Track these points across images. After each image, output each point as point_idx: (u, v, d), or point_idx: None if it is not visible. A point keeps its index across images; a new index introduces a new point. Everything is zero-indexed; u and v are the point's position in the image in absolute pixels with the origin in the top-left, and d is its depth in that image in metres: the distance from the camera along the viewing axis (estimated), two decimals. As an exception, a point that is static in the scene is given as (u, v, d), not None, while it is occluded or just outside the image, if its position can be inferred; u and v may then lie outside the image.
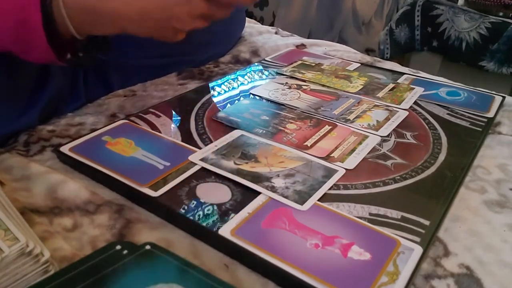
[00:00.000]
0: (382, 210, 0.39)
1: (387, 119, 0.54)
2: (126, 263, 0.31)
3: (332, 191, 0.41)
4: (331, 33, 2.30)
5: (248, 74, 0.66)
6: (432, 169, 0.45)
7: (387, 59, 0.91)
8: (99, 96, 0.59)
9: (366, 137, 0.50)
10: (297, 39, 0.87)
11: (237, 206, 0.38)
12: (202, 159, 0.44)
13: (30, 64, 0.45)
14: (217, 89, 0.61)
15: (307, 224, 0.36)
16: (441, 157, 0.47)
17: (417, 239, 0.35)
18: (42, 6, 0.40)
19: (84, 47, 0.47)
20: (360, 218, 0.38)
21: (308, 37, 1.37)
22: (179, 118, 0.53)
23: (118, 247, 0.32)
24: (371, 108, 0.57)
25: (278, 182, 0.41)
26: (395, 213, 0.38)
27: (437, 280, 0.34)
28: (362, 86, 0.63)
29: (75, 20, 0.42)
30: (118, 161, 0.43)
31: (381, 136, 0.50)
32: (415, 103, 0.59)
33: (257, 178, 0.41)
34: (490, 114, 0.57)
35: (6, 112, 0.48)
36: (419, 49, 1.67)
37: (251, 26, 0.89)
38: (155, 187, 0.40)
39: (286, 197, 0.39)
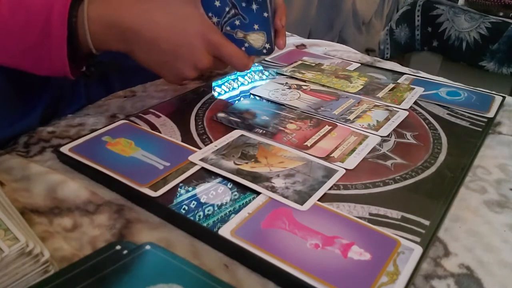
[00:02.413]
0: (382, 210, 0.39)
1: (387, 119, 0.54)
2: (126, 263, 0.31)
3: (332, 191, 0.41)
4: (331, 33, 2.30)
5: (248, 74, 0.66)
6: (432, 169, 0.45)
7: (387, 59, 0.91)
8: (99, 97, 0.59)
9: (366, 137, 0.50)
10: (297, 39, 0.87)
11: (237, 206, 0.38)
12: (202, 159, 0.44)
13: None
14: (217, 89, 0.61)
15: (307, 224, 0.36)
16: (441, 157, 0.47)
17: (417, 239, 0.35)
18: (68, 21, 0.41)
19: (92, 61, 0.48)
20: (360, 218, 0.38)
21: (308, 37, 1.37)
22: (179, 118, 0.53)
23: (118, 247, 0.32)
24: (371, 108, 0.57)
25: (278, 182, 0.41)
26: (395, 213, 0.38)
27: (437, 280, 0.34)
28: (362, 86, 0.63)
29: (93, 33, 0.44)
30: (118, 161, 0.43)
31: (381, 136, 0.50)
32: (415, 103, 0.59)
33: (257, 178, 0.41)
34: (490, 114, 0.57)
35: (8, 114, 0.48)
36: (419, 49, 1.67)
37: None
38: (155, 187, 0.40)
39: (286, 197, 0.39)
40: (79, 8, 0.43)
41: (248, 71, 0.67)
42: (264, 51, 0.51)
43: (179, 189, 0.40)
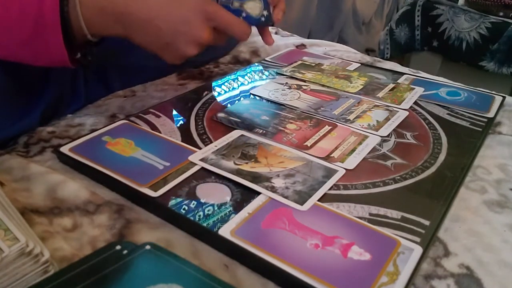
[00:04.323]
0: (382, 210, 0.39)
1: (387, 119, 0.54)
2: (126, 263, 0.31)
3: (332, 191, 0.41)
4: (331, 33, 2.30)
5: (248, 74, 0.66)
6: (432, 169, 0.45)
7: (387, 59, 0.91)
8: (99, 97, 0.59)
9: (366, 137, 0.50)
10: (297, 39, 0.87)
11: (237, 206, 0.38)
12: (202, 159, 0.44)
13: (31, 67, 0.46)
14: (217, 89, 0.61)
15: (307, 224, 0.36)
16: (441, 157, 0.47)
17: (417, 239, 0.35)
18: (60, 7, 0.41)
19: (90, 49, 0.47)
20: (360, 218, 0.38)
21: (308, 37, 1.37)
22: (179, 118, 0.53)
23: (118, 247, 0.32)
24: (371, 108, 0.57)
25: (278, 182, 0.41)
26: (395, 213, 0.38)
27: (437, 280, 0.34)
28: (362, 86, 0.63)
29: (87, 19, 0.43)
30: (118, 161, 0.43)
31: (381, 136, 0.50)
32: (415, 103, 0.59)
33: (257, 178, 0.41)
34: (490, 114, 0.57)
35: (8, 114, 0.48)
36: (419, 49, 1.67)
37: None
38: (155, 187, 0.40)
39: (286, 197, 0.39)
40: None
41: (249, 69, 0.67)
42: (263, 19, 0.50)
43: (179, 189, 0.40)
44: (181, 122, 0.52)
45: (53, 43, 0.42)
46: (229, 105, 0.56)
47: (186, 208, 0.38)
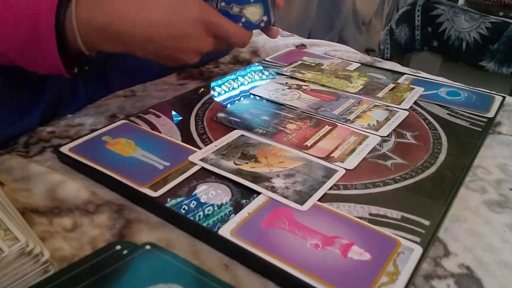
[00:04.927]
0: (382, 210, 0.39)
1: (387, 119, 0.54)
2: (126, 263, 0.31)
3: (332, 191, 0.41)
4: (331, 33, 2.30)
5: (248, 74, 0.66)
6: (432, 169, 0.45)
7: (387, 59, 0.91)
8: (99, 97, 0.59)
9: (366, 137, 0.50)
10: (297, 39, 0.87)
11: (237, 206, 0.38)
12: (202, 159, 0.44)
13: None
14: (217, 89, 0.61)
15: (307, 224, 0.36)
16: (441, 157, 0.47)
17: (417, 239, 0.35)
18: (56, 21, 0.40)
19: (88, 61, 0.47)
20: (360, 218, 0.38)
21: (308, 37, 1.37)
22: (179, 118, 0.53)
23: (118, 247, 0.32)
24: (371, 108, 0.57)
25: (278, 182, 0.41)
26: (395, 213, 0.38)
27: (437, 280, 0.34)
28: (362, 86, 0.63)
29: (85, 36, 0.43)
30: (118, 161, 0.43)
31: (381, 136, 0.50)
32: (415, 103, 0.59)
33: (257, 178, 0.41)
34: (490, 114, 0.57)
35: (8, 115, 0.48)
36: (419, 49, 1.67)
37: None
38: (155, 187, 0.40)
39: (286, 197, 0.39)
40: (67, 7, 0.41)
41: (249, 69, 0.67)
42: (262, 24, 0.50)
43: (179, 189, 0.40)
44: (181, 122, 0.52)
45: (48, 54, 0.41)
46: (229, 105, 0.56)
47: (186, 208, 0.38)
